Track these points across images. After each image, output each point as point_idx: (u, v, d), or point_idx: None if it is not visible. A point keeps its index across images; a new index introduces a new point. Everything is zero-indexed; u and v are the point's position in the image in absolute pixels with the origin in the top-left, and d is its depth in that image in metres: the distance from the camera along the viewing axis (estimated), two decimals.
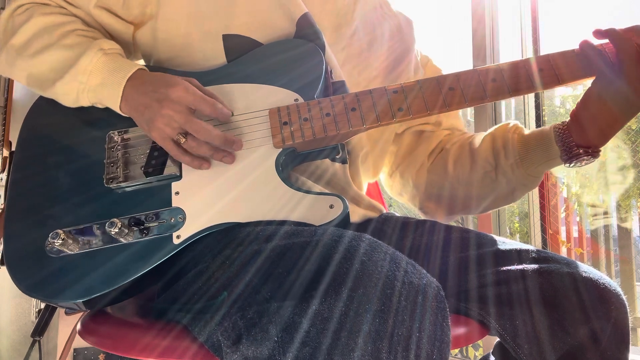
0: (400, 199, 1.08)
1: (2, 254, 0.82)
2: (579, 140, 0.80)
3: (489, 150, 0.92)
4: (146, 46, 0.91)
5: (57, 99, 0.83)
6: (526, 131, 0.90)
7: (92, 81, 0.78)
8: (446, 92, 0.78)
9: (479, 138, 0.96)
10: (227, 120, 0.77)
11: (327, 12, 0.93)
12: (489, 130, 0.95)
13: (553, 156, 0.84)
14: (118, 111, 0.79)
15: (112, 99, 0.78)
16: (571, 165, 0.82)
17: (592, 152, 0.80)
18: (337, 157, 0.89)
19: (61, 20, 0.84)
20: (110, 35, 0.91)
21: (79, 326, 0.78)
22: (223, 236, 0.70)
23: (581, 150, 0.80)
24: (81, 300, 0.71)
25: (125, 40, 0.92)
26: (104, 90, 0.78)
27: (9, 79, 2.68)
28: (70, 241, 0.72)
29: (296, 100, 0.80)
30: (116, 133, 0.82)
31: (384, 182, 1.11)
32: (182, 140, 0.73)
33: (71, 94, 0.80)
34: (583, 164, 0.82)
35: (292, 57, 0.84)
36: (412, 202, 1.05)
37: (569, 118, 0.83)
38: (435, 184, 0.99)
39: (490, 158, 0.91)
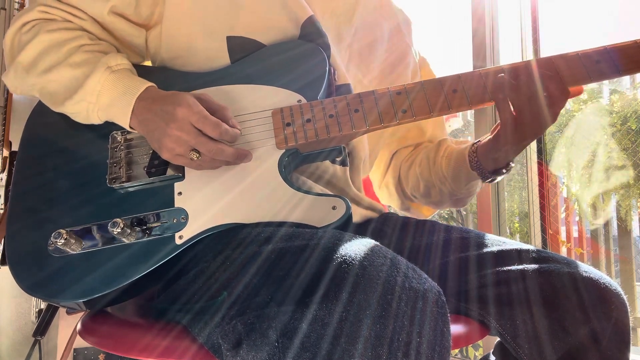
0: (390, 205, 1.15)
1: (2, 253, 0.82)
2: (491, 167, 0.88)
3: (428, 173, 1.01)
4: (155, 48, 0.92)
5: (70, 116, 0.83)
6: (454, 148, 0.98)
7: (101, 101, 0.79)
8: (449, 94, 0.78)
9: (420, 157, 1.04)
10: (235, 141, 0.76)
11: (329, 12, 0.93)
12: (427, 151, 1.04)
13: (474, 178, 0.92)
14: (129, 129, 0.79)
15: (121, 119, 0.78)
16: (491, 182, 0.92)
17: (506, 169, 0.88)
18: (337, 159, 0.89)
19: (67, 36, 0.83)
20: (122, 43, 0.91)
21: (79, 326, 0.78)
22: (224, 236, 0.70)
23: (496, 175, 0.89)
24: (82, 300, 0.71)
25: (138, 45, 0.92)
26: (113, 110, 0.78)
27: None
28: (72, 241, 0.72)
29: (299, 101, 0.80)
30: (119, 133, 0.82)
31: (376, 192, 1.18)
32: (195, 156, 0.72)
33: (81, 113, 0.81)
34: (500, 178, 0.92)
35: (295, 57, 0.84)
36: (398, 209, 1.14)
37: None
38: (407, 196, 1.09)
39: (430, 179, 1.00)
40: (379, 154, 1.08)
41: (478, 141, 0.90)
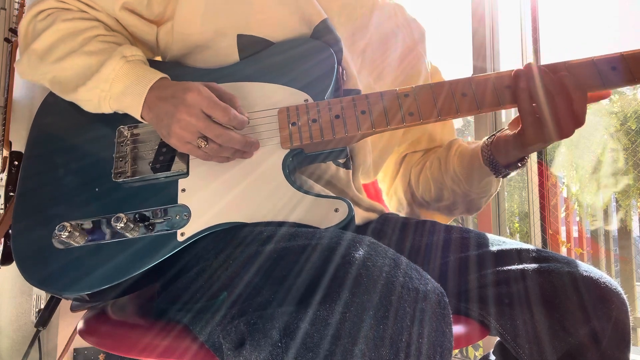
0: (400, 213, 1.11)
1: (3, 253, 0.82)
2: (504, 161, 0.86)
3: (439, 174, 0.99)
4: (165, 44, 0.92)
5: (79, 104, 0.83)
6: (466, 146, 0.96)
7: (114, 89, 0.79)
8: (458, 97, 0.76)
9: (431, 159, 1.02)
10: (242, 127, 0.76)
11: (344, 16, 0.93)
12: (438, 153, 1.02)
13: (487, 174, 0.90)
14: (139, 119, 0.79)
15: (133, 108, 0.78)
16: (505, 177, 0.90)
17: (521, 164, 0.87)
18: (340, 160, 0.89)
19: (83, 26, 0.84)
20: (134, 38, 0.92)
21: (79, 326, 0.78)
22: (225, 235, 0.70)
23: (509, 170, 0.88)
24: (86, 293, 0.72)
25: (149, 40, 0.92)
26: (126, 98, 0.78)
27: (9, 78, 2.68)
28: (76, 233, 0.73)
29: (306, 100, 0.80)
30: (126, 128, 0.82)
31: (385, 199, 1.16)
32: (203, 144, 0.72)
33: (93, 100, 0.81)
34: (514, 173, 0.90)
35: (304, 56, 0.84)
36: (409, 215, 1.11)
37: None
38: (417, 203, 1.07)
39: (441, 179, 0.98)
40: (387, 160, 1.07)
41: (493, 135, 0.88)
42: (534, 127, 0.75)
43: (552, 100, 0.72)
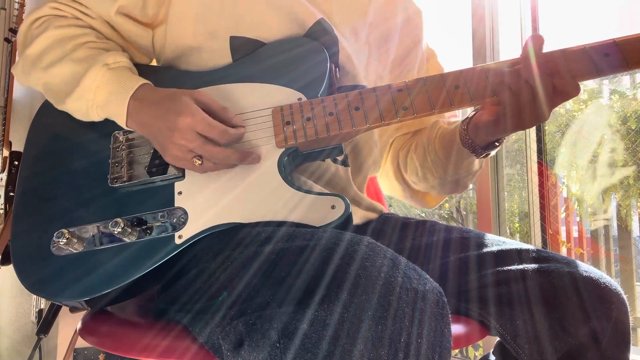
0: (392, 195, 1.13)
1: (3, 253, 0.83)
2: (483, 142, 0.86)
3: (424, 156, 0.99)
4: (159, 46, 0.92)
5: (71, 114, 0.84)
6: (445, 128, 0.96)
7: (98, 98, 0.79)
8: (451, 90, 0.77)
9: (416, 142, 1.03)
10: (238, 141, 0.76)
11: (343, 16, 0.93)
12: (423, 134, 1.02)
13: (467, 156, 0.90)
14: (126, 128, 0.79)
15: (118, 117, 0.79)
16: (485, 157, 0.91)
17: (498, 143, 0.86)
18: (338, 158, 0.89)
19: (75, 32, 0.84)
20: (129, 43, 0.91)
21: (79, 326, 0.78)
22: (223, 236, 0.70)
23: (489, 150, 0.88)
24: (83, 300, 0.71)
25: (145, 45, 0.92)
26: (110, 107, 0.79)
27: (9, 79, 2.69)
28: (74, 240, 0.73)
29: (299, 99, 0.80)
30: (121, 133, 0.83)
31: (378, 181, 1.17)
32: (198, 162, 0.72)
33: (81, 109, 0.81)
34: (494, 152, 0.90)
35: (296, 55, 0.84)
36: (401, 198, 1.12)
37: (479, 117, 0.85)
38: (407, 184, 1.07)
39: (426, 162, 0.99)
40: None
41: (467, 118, 0.88)
42: (515, 117, 0.75)
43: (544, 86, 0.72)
